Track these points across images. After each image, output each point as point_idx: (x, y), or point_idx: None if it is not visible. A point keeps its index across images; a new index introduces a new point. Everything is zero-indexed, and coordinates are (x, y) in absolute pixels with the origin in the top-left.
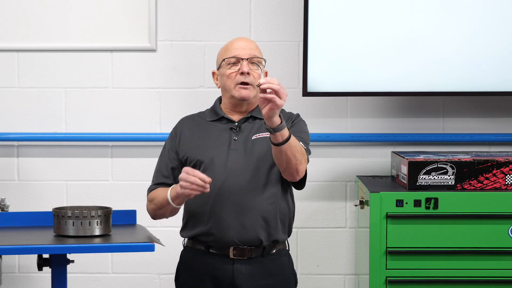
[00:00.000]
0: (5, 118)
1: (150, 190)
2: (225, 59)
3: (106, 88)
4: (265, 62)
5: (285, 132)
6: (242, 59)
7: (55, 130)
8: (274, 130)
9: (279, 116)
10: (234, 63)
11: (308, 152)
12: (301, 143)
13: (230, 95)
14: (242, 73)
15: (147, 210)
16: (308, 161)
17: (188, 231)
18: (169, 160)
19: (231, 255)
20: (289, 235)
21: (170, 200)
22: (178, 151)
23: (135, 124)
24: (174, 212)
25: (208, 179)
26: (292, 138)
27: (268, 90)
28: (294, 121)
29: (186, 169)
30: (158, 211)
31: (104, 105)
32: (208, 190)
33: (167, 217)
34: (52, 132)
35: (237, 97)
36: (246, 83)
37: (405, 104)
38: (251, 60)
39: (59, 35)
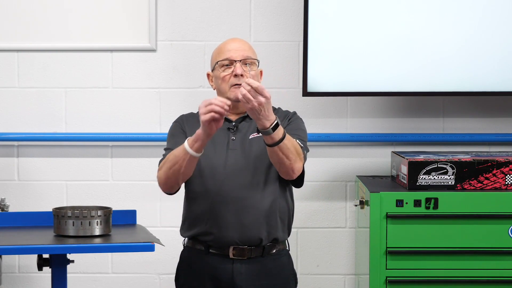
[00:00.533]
0: (5, 118)
1: (159, 162)
2: (218, 62)
3: (106, 88)
4: (258, 62)
5: (276, 136)
6: (235, 61)
7: (55, 130)
8: (261, 133)
9: (276, 118)
10: (228, 65)
11: (306, 149)
12: (297, 141)
13: (226, 97)
14: (235, 75)
15: (158, 179)
16: (305, 158)
17: (188, 230)
18: (180, 140)
19: (231, 255)
20: (289, 234)
21: (187, 147)
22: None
23: (135, 124)
24: (189, 167)
25: (229, 102)
26: (286, 139)
27: (239, 96)
28: (290, 119)
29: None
30: (171, 170)
31: (104, 105)
32: (224, 111)
33: (180, 181)
34: (52, 132)
35: (232, 99)
36: (240, 85)
37: (405, 104)
38: (244, 62)
39: (59, 35)
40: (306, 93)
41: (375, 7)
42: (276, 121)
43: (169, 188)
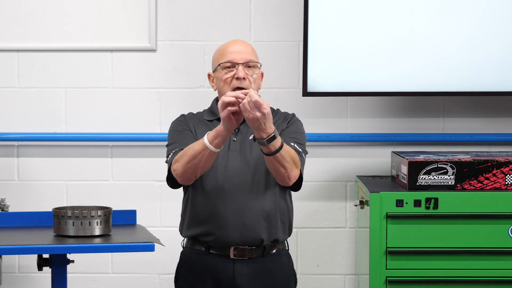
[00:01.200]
0: (5, 118)
1: (173, 157)
2: (221, 64)
3: (106, 88)
4: (260, 65)
5: (271, 147)
6: (238, 64)
7: (55, 130)
8: (257, 142)
9: (275, 130)
10: (230, 68)
11: (304, 152)
12: (295, 145)
13: None
14: (237, 78)
15: (175, 171)
16: (303, 162)
17: (188, 230)
18: (188, 136)
19: (232, 256)
20: (289, 234)
21: (207, 143)
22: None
23: (135, 124)
24: (208, 162)
25: (245, 92)
26: (283, 150)
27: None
28: (289, 122)
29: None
30: (189, 164)
31: (104, 105)
32: (236, 100)
33: (198, 174)
34: (52, 132)
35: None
36: (242, 88)
37: (405, 104)
38: (247, 65)
39: (59, 35)
40: (306, 93)
41: (375, 7)
42: (273, 134)
43: (186, 180)
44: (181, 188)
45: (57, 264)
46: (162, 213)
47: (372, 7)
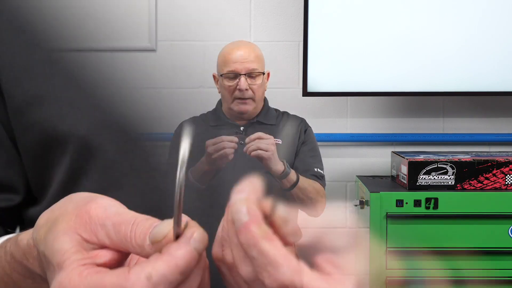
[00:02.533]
0: None
1: None
2: (223, 75)
3: None
4: (264, 73)
5: (292, 176)
6: (240, 74)
7: None
8: (279, 178)
9: (284, 162)
10: (232, 78)
11: (322, 169)
12: (318, 169)
13: (229, 107)
14: (240, 90)
15: None
16: (325, 186)
17: None
18: None
19: None
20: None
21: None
22: None
23: None
24: None
25: (236, 139)
26: (302, 179)
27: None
28: (305, 132)
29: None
30: None
31: None
32: (233, 150)
33: None
34: None
35: (236, 111)
36: (244, 98)
37: (405, 104)
38: (250, 75)
39: None
40: (306, 93)
41: (375, 8)
42: (284, 161)
43: None
44: None
45: None
46: None
47: (372, 7)
